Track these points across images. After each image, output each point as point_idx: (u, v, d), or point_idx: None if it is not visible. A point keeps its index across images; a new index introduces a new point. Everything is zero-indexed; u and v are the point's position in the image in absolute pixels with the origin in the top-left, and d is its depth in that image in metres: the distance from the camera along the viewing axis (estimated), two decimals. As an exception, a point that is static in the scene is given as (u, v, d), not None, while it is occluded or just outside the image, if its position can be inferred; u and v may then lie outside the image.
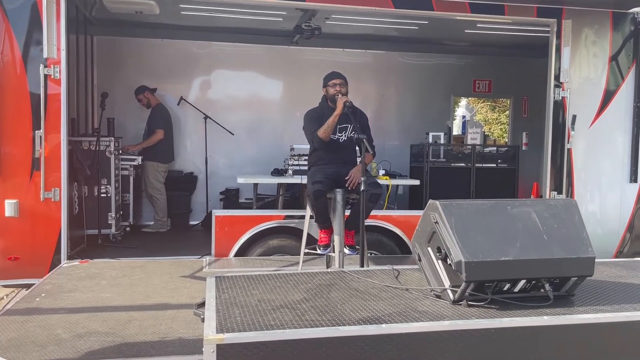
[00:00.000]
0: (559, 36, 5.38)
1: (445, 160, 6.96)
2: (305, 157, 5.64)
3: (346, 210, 4.24)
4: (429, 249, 2.49)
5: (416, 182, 6.41)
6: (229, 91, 7.76)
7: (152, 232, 6.65)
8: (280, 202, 6.05)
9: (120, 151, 6.23)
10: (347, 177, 4.19)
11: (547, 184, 5.49)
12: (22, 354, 2.61)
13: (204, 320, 2.13)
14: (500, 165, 7.08)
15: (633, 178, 5.59)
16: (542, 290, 2.38)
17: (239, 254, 4.91)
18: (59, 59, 4.49)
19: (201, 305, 2.42)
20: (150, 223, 6.83)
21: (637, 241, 5.60)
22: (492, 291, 2.33)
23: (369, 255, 4.82)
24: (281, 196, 6.08)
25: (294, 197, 6.56)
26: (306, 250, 4.34)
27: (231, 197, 7.31)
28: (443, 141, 7.13)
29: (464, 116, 20.96)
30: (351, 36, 7.56)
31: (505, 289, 2.37)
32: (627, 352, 2.23)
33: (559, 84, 5.41)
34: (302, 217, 4.69)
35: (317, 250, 4.30)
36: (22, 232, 4.52)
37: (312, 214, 4.25)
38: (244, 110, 7.78)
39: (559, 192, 5.47)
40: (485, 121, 21.86)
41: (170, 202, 6.86)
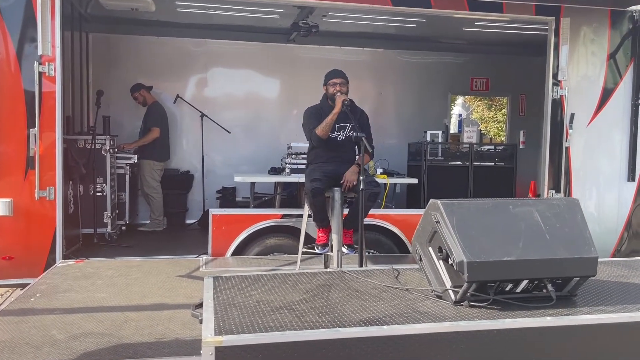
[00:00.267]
0: (557, 34, 5.37)
1: (443, 158, 6.97)
2: (303, 156, 5.62)
3: (344, 209, 4.22)
4: (430, 248, 2.46)
5: (414, 181, 6.40)
6: (226, 89, 7.71)
7: (149, 231, 6.60)
8: (278, 200, 6.02)
9: (116, 149, 6.18)
10: (341, 182, 4.17)
11: (545, 182, 5.48)
12: (17, 355, 2.56)
13: (202, 322, 2.10)
14: (498, 163, 7.10)
15: (631, 176, 5.59)
16: (544, 290, 2.37)
17: (236, 253, 4.88)
18: (53, 56, 4.44)
19: (199, 306, 2.38)
20: (147, 222, 6.78)
21: (634, 239, 5.60)
22: (494, 292, 2.31)
23: (367, 254, 4.79)
24: (278, 195, 6.05)
25: (292, 196, 6.54)
26: (304, 250, 4.32)
27: (228, 196, 7.27)
28: (441, 140, 7.13)
29: (460, 115, 20.99)
30: (349, 34, 7.54)
31: (508, 289, 2.35)
32: (631, 353, 2.22)
33: (557, 82, 5.40)
34: (299, 215, 4.66)
35: (315, 250, 4.28)
36: (17, 231, 4.47)
37: (310, 212, 4.21)
38: (240, 109, 7.74)
39: (557, 190, 5.47)
40: (482, 119, 21.91)
41: (166, 200, 6.81)
